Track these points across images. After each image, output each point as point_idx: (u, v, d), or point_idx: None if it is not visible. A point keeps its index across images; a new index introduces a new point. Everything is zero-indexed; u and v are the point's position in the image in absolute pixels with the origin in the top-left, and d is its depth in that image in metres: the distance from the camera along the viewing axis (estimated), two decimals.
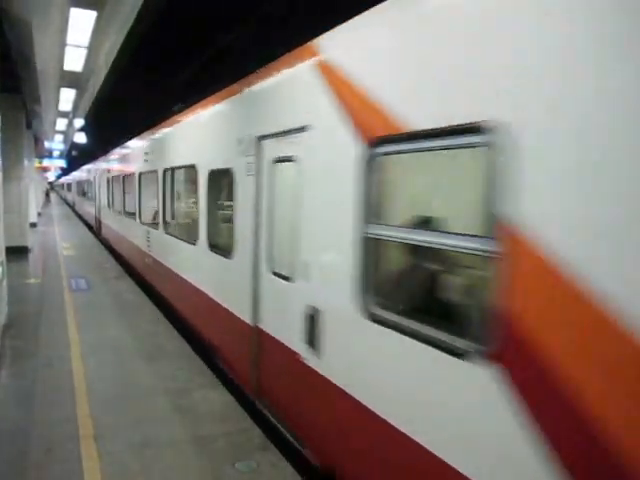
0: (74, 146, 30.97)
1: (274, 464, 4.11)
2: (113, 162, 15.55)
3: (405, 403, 3.08)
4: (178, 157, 8.37)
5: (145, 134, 10.99)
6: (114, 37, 8.50)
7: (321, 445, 4.03)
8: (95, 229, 20.70)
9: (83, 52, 9.36)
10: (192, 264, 7.58)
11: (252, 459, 4.16)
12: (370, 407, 3.32)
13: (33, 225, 19.74)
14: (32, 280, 11.43)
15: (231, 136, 5.71)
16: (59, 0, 6.96)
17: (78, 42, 8.68)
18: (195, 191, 7.19)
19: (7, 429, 4.68)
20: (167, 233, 9.17)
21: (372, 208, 3.35)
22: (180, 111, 8.44)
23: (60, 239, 19.09)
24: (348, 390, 3.56)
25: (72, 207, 41.18)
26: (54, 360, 6.34)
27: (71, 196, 42.25)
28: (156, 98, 17.93)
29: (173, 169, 8.86)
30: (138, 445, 4.36)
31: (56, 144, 29.35)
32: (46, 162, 35.69)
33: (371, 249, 3.36)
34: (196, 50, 13.10)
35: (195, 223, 7.24)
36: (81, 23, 7.70)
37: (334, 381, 3.71)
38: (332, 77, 3.73)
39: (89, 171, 24.52)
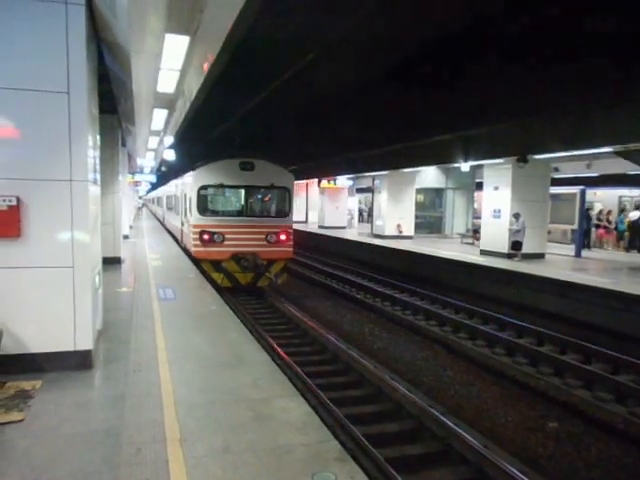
0: (162, 162, 32.78)
1: (352, 476, 4.12)
2: (166, 188, 33.20)
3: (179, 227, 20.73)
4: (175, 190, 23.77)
5: (171, 182, 28.04)
6: (202, 60, 8.95)
7: (188, 247, 17.51)
8: (161, 221, 38.36)
9: (176, 75, 9.94)
10: (172, 218, 25.52)
11: (330, 471, 4.18)
12: (183, 230, 19.12)
13: (125, 237, 20.98)
14: (124, 289, 12.12)
15: (177, 187, 22.29)
16: (155, 27, 7.45)
17: (171, 66, 9.23)
18: (176, 201, 23.29)
19: (102, 428, 4.99)
20: (173, 212, 24.94)
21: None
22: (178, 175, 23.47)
23: (149, 250, 20.17)
24: (181, 228, 20.01)
25: (154, 215, 53.58)
26: (143, 365, 6.70)
27: (154, 208, 57.33)
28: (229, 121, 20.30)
29: (175, 195, 23.50)
30: (220, 451, 4.52)
31: (147, 161, 31.12)
32: (137, 177, 37.85)
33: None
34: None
35: (176, 208, 23.18)
36: (175, 48, 8.20)
37: (183, 229, 19.33)
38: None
39: (160, 191, 44.65)
